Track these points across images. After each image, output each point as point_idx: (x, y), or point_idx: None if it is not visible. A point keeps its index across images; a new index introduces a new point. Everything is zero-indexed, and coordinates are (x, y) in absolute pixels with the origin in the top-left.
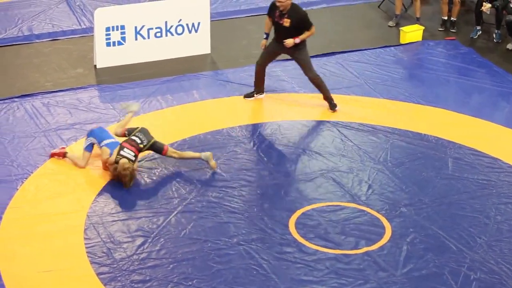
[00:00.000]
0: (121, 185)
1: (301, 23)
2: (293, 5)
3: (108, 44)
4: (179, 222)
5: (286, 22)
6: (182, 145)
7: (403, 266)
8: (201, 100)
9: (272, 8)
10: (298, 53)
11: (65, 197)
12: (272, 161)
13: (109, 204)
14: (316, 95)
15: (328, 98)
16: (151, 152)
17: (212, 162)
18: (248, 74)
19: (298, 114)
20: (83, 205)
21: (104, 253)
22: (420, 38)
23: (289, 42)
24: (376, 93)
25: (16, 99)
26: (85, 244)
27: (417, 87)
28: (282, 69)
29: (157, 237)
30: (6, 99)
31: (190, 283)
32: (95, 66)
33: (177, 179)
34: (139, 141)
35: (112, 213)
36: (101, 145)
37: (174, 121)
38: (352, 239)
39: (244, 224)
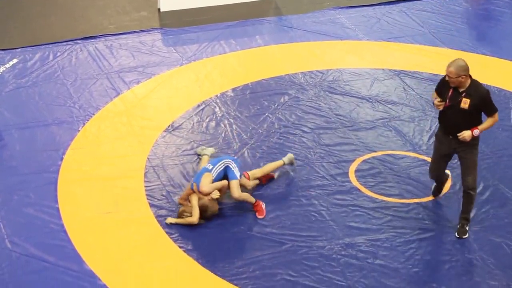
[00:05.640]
0: (181, 129)
1: (482, 105)
2: (473, 81)
3: None
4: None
5: (465, 103)
6: (244, 90)
7: None
8: (264, 46)
9: (444, 84)
10: (469, 151)
11: (126, 139)
12: (334, 108)
13: (169, 148)
14: (379, 43)
15: (467, 219)
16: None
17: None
18: (311, 21)
19: (361, 61)
20: (144, 148)
21: (163, 196)
22: None
23: (466, 134)
24: (440, 42)
25: (79, 41)
26: (145, 186)
27: (481, 38)
28: (347, 17)
29: None
30: (70, 41)
31: (248, 228)
32: (159, 9)
33: (238, 124)
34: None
35: (173, 157)
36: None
37: (237, 66)
38: (411, 188)
39: (304, 170)
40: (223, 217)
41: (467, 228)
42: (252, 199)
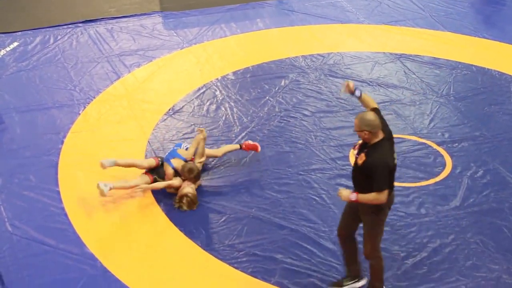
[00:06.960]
0: (181, 113)
1: (369, 173)
2: (379, 143)
3: None
4: (239, 150)
5: (361, 159)
6: (245, 73)
7: (463, 200)
8: (265, 29)
9: None
10: (366, 217)
11: (127, 123)
12: (335, 91)
13: (170, 131)
14: (380, 27)
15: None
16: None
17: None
18: (312, 4)
19: (361, 45)
20: (144, 131)
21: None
22: None
23: (343, 193)
24: (441, 26)
25: (80, 25)
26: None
27: (483, 21)
28: (347, 0)
29: (217, 165)
30: (70, 24)
31: (248, 211)
32: None
33: (239, 107)
34: None
35: (174, 140)
36: None
37: (237, 50)
38: (411, 172)
39: (304, 154)
40: (223, 200)
41: None
42: (235, 146)
